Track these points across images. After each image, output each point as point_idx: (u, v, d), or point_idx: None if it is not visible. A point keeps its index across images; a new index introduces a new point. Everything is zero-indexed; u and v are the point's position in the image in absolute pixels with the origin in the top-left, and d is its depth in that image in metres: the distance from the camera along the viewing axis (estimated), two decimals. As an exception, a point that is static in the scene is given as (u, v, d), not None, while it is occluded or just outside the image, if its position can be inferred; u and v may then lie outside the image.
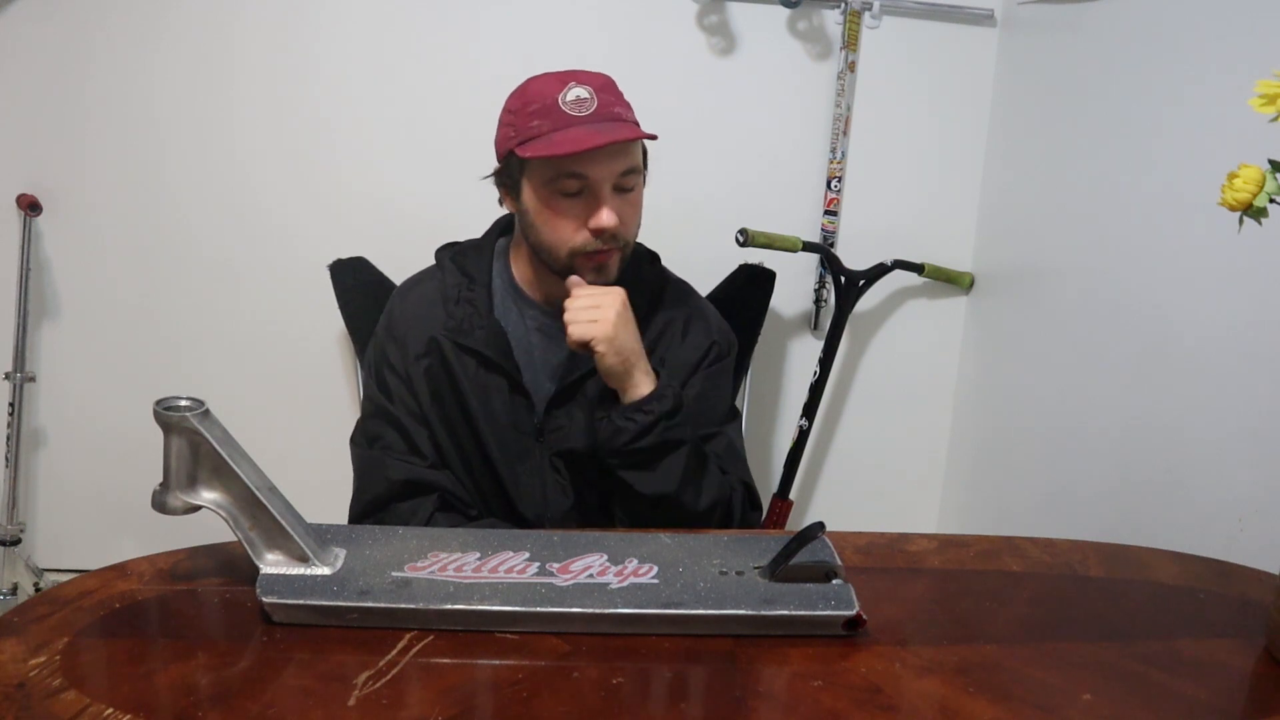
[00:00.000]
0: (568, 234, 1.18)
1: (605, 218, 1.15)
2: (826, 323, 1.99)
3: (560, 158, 1.14)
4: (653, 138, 1.17)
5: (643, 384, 1.17)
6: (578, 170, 1.14)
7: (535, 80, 1.20)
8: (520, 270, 1.29)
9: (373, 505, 1.25)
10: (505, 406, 1.25)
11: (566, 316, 1.16)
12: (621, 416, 1.17)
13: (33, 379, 1.94)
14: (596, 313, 1.15)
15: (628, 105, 1.21)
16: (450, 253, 1.33)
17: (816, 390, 1.97)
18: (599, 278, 1.20)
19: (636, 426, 1.16)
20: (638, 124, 1.20)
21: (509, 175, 1.22)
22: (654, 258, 1.38)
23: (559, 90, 1.16)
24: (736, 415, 1.37)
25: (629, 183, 1.18)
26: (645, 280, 1.32)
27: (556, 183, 1.16)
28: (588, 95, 1.16)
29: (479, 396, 1.25)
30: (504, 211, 1.34)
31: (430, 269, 1.34)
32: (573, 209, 1.17)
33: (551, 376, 1.27)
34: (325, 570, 0.89)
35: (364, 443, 1.28)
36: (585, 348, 1.15)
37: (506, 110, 1.21)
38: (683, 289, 1.38)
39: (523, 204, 1.21)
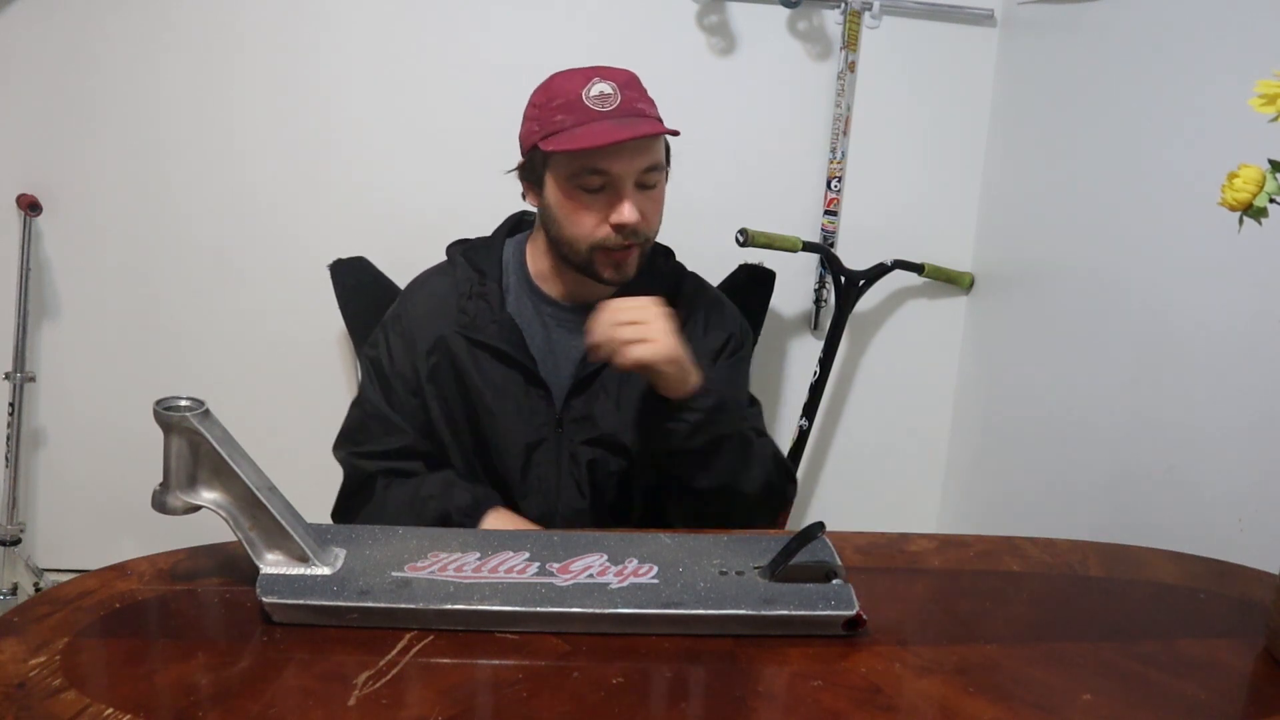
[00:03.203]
0: (589, 228, 1.18)
1: (627, 213, 1.16)
2: (826, 323, 1.99)
3: (583, 152, 1.14)
4: (675, 133, 1.17)
5: (691, 380, 1.15)
6: (600, 166, 1.15)
7: (559, 75, 1.20)
8: (536, 265, 1.29)
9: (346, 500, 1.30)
10: (521, 399, 1.26)
11: (606, 336, 1.10)
12: (675, 418, 1.15)
13: (33, 379, 1.94)
14: (646, 330, 1.10)
15: (651, 101, 1.22)
16: (461, 248, 1.33)
17: (816, 390, 1.97)
18: (617, 274, 1.20)
19: (688, 426, 1.15)
20: (660, 120, 1.20)
21: (532, 170, 1.22)
22: (668, 252, 1.38)
23: (583, 85, 1.17)
24: (756, 403, 1.38)
25: (651, 179, 1.19)
26: (662, 274, 1.33)
27: (579, 178, 1.16)
28: (611, 90, 1.16)
29: (492, 391, 1.25)
30: (512, 210, 1.34)
31: (441, 265, 1.34)
32: (595, 204, 1.17)
33: (571, 367, 1.28)
34: (325, 570, 0.90)
35: (343, 442, 1.31)
36: (645, 368, 1.12)
37: (531, 105, 1.22)
38: (699, 282, 1.39)
39: (545, 198, 1.22)
